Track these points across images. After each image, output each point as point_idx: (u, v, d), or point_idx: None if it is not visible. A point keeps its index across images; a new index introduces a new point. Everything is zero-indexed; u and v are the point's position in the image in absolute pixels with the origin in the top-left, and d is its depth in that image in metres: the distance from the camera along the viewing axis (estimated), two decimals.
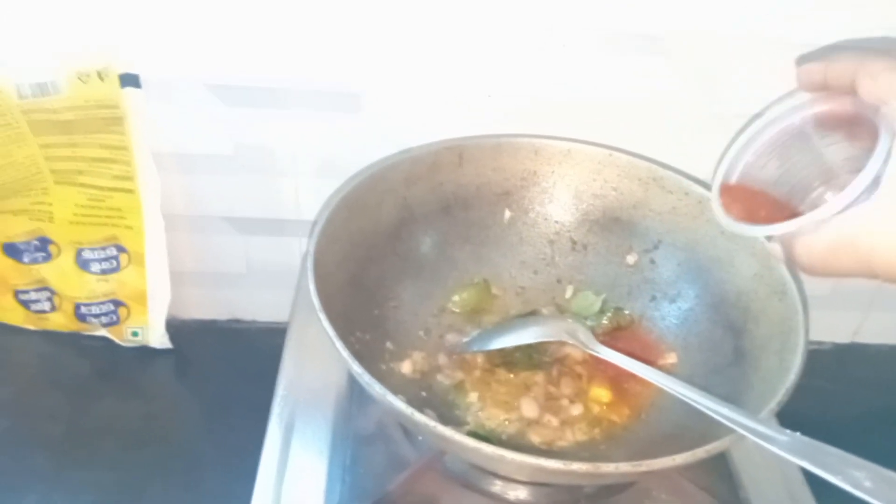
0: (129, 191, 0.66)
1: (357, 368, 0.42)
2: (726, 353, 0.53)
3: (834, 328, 0.81)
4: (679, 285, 0.59)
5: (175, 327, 0.73)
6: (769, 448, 0.39)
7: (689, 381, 0.52)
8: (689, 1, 0.59)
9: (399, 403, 0.40)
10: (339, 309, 0.50)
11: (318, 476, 0.53)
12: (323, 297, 0.47)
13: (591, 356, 0.55)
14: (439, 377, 0.57)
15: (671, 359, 0.57)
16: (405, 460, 0.52)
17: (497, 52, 0.62)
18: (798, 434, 0.40)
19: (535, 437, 0.53)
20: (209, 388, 0.72)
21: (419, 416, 0.40)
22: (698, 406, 0.44)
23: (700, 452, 0.40)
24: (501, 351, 0.57)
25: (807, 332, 0.48)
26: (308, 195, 0.69)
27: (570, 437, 0.53)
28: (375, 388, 0.41)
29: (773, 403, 0.43)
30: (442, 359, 0.58)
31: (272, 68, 0.62)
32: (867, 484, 0.36)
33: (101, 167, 0.65)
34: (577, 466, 0.38)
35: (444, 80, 0.63)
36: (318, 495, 0.52)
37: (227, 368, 0.74)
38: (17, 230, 0.69)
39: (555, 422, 0.53)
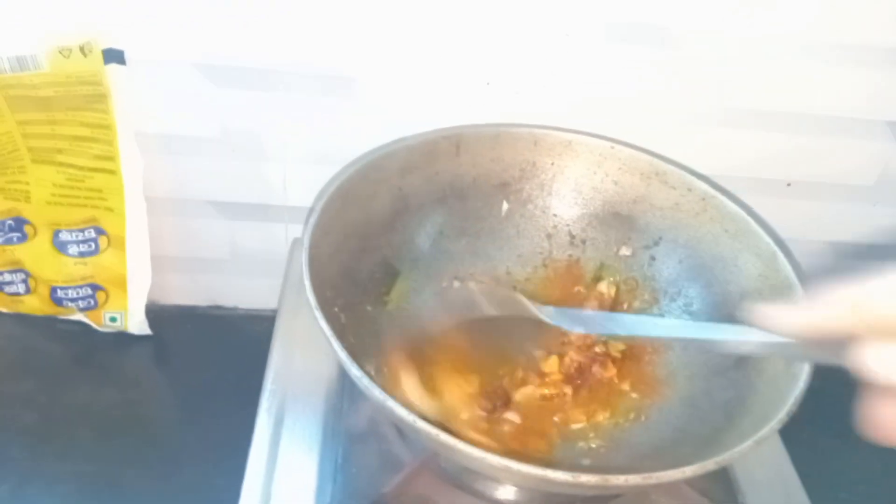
0: (111, 171, 0.64)
1: (356, 372, 0.40)
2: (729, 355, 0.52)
3: None
4: (680, 283, 0.58)
5: (154, 313, 0.71)
6: None
7: (689, 380, 0.51)
8: None
9: (401, 410, 0.39)
10: (332, 304, 0.48)
11: (309, 474, 0.51)
12: (318, 293, 0.45)
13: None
14: None
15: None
16: (398, 460, 0.50)
17: (497, 39, 0.60)
18: None
19: None
20: (189, 376, 0.71)
21: (421, 424, 0.38)
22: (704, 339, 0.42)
23: (710, 464, 0.39)
24: None
25: None
26: (296, 181, 0.67)
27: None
28: (375, 393, 0.40)
29: (783, 413, 0.42)
30: None
31: (264, 49, 0.60)
32: None
33: (82, 146, 0.63)
34: (585, 479, 0.37)
35: (441, 66, 0.62)
36: (308, 494, 0.50)
37: (207, 356, 0.72)
38: None
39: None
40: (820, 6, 0.59)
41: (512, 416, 0.52)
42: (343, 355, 0.41)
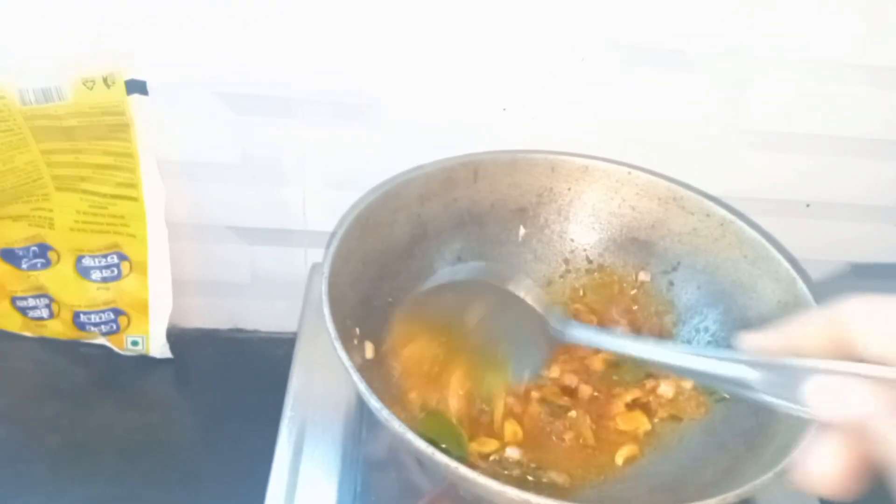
0: (133, 198, 0.65)
1: (376, 403, 0.41)
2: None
3: None
4: (698, 309, 0.58)
5: (175, 336, 0.72)
6: None
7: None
8: (715, 16, 0.58)
9: (420, 443, 0.39)
10: (352, 332, 0.48)
11: (328, 502, 0.51)
12: (338, 322, 0.46)
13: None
14: None
15: None
16: (417, 489, 0.50)
17: (513, 65, 0.60)
18: None
19: None
20: (210, 398, 0.71)
21: (440, 456, 0.39)
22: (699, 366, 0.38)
23: (730, 497, 0.38)
24: None
25: None
26: (315, 206, 0.68)
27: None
28: (395, 425, 0.40)
29: (806, 443, 0.41)
30: None
31: (283, 77, 0.60)
32: None
33: (105, 174, 0.64)
34: None
35: (457, 93, 0.62)
36: None
37: (228, 378, 0.72)
38: (16, 236, 0.67)
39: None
40: (834, 29, 0.59)
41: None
42: (363, 387, 0.41)
